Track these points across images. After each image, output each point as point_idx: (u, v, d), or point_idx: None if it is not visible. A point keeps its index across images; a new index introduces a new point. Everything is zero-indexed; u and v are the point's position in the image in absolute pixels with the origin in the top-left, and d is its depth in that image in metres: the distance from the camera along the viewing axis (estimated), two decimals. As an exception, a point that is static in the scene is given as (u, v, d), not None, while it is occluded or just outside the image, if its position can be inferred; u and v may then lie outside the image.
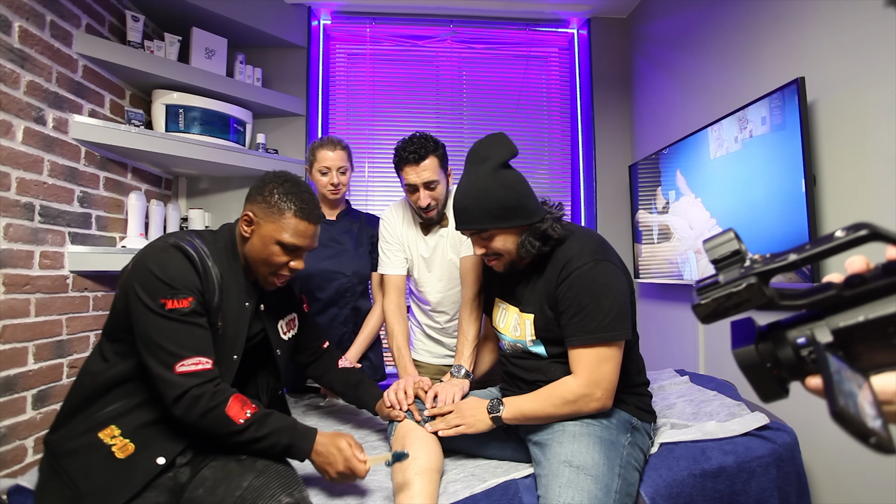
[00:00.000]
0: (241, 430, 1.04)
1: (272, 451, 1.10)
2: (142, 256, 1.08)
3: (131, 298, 1.04)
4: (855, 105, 1.36)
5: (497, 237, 1.21)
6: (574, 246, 1.19)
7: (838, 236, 0.45)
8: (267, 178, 1.20)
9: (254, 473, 1.05)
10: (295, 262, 1.18)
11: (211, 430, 1.04)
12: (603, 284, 1.14)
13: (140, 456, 1.04)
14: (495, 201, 1.18)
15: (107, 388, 1.07)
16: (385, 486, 1.22)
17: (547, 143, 2.82)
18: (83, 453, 1.03)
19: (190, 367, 1.02)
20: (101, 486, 1.00)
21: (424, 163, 1.52)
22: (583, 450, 1.09)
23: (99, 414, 1.05)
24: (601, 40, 2.75)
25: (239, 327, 1.17)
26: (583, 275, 1.14)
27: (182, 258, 1.08)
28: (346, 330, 1.85)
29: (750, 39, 1.77)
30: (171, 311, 1.03)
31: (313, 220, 1.18)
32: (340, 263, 1.80)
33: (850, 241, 0.44)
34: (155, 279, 1.03)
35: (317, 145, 1.80)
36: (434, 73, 2.76)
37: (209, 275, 1.11)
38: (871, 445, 0.39)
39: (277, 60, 2.54)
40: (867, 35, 1.31)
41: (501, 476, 1.23)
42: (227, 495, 1.01)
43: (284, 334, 1.32)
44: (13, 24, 1.41)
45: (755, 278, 0.49)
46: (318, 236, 1.23)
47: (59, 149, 1.60)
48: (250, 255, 1.17)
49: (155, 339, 1.02)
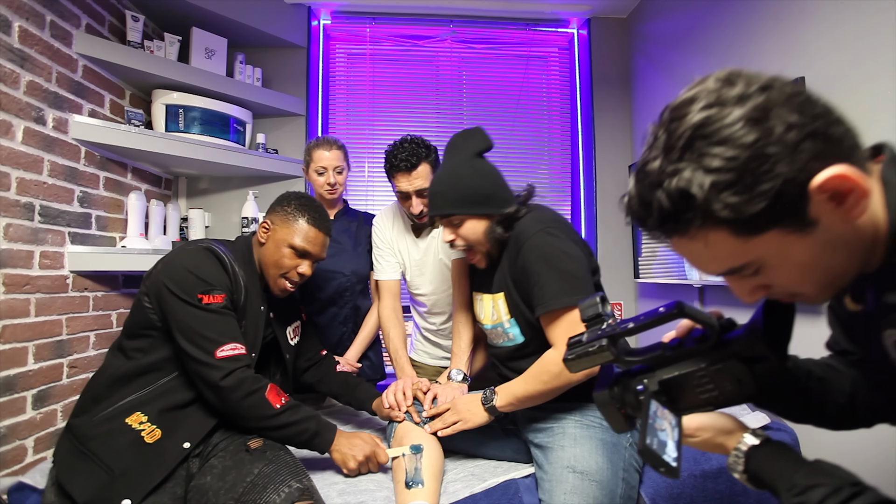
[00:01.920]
0: (277, 414, 1.12)
1: (299, 439, 1.17)
2: (173, 257, 1.18)
3: (165, 296, 1.12)
4: (855, 105, 1.35)
5: (467, 223, 1.23)
6: (527, 220, 1.20)
7: (661, 312, 0.62)
8: (286, 194, 1.35)
9: (264, 462, 1.10)
10: (303, 268, 1.28)
11: (249, 411, 1.11)
12: (556, 248, 1.13)
13: (167, 440, 1.10)
14: (469, 188, 1.21)
15: (129, 379, 1.13)
16: (386, 485, 1.23)
17: (547, 143, 2.82)
18: (112, 437, 1.08)
19: (229, 353, 1.11)
20: (134, 468, 1.05)
21: (416, 170, 1.51)
22: (585, 454, 1.09)
23: (122, 402, 1.11)
24: (601, 40, 2.75)
25: (258, 328, 1.26)
26: (534, 243, 1.14)
27: (214, 260, 1.18)
28: (346, 329, 1.85)
29: (750, 39, 1.77)
30: (208, 304, 1.12)
31: (323, 229, 1.30)
32: (339, 263, 1.81)
33: (668, 315, 0.61)
34: (191, 276, 1.13)
35: (313, 145, 1.80)
36: (434, 73, 2.76)
37: (237, 276, 1.22)
38: (661, 473, 0.60)
39: (277, 60, 2.54)
40: (867, 35, 1.31)
41: (501, 476, 1.23)
42: (238, 481, 1.05)
43: (291, 340, 1.41)
44: (13, 24, 1.41)
45: (606, 340, 0.66)
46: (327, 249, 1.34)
47: (59, 149, 1.60)
48: (263, 258, 1.29)
49: (195, 328, 1.10)
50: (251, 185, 2.40)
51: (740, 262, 0.53)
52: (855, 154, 0.50)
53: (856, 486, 0.54)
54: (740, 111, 0.48)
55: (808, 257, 0.52)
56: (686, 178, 0.49)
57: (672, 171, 0.51)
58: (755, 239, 0.51)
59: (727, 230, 0.50)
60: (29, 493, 1.13)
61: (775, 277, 0.55)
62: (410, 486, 1.12)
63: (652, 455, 0.60)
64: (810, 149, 0.47)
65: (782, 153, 0.47)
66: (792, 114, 0.48)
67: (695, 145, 0.50)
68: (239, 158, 2.18)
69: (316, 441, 1.18)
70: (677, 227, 0.53)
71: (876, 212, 0.53)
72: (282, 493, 1.02)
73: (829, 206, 0.49)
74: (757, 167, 0.47)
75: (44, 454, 1.50)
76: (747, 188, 0.47)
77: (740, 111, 0.48)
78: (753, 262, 0.53)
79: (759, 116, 0.48)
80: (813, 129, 0.48)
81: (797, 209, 0.49)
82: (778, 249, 0.51)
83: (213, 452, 1.16)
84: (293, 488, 1.03)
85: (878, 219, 0.53)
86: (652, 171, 0.53)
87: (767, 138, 0.47)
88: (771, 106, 0.48)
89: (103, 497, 1.02)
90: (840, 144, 0.49)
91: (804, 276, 0.54)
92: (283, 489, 1.02)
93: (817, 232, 0.50)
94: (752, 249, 0.52)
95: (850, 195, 0.48)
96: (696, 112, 0.50)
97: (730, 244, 0.52)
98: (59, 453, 1.10)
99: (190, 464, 1.14)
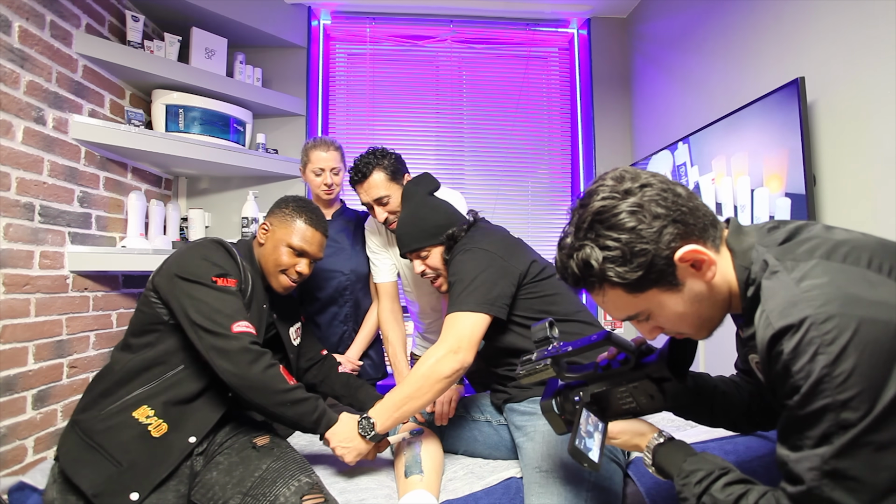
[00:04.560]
0: (291, 389, 1.12)
1: (310, 417, 1.14)
2: (186, 250, 1.21)
3: (178, 283, 1.13)
4: (855, 105, 1.36)
5: (432, 253, 1.36)
6: (460, 242, 1.31)
7: (593, 339, 0.79)
8: (284, 198, 1.40)
9: (271, 458, 1.11)
10: (301, 267, 1.32)
11: (268, 384, 1.10)
12: (465, 264, 1.22)
13: (174, 435, 1.11)
14: (428, 222, 1.36)
15: (136, 373, 1.14)
16: (387, 483, 1.23)
17: (547, 143, 2.82)
18: (119, 431, 1.09)
19: (244, 328, 1.12)
20: (141, 461, 1.06)
21: (369, 180, 1.55)
22: (551, 452, 1.10)
23: (129, 396, 1.12)
24: (601, 40, 2.75)
25: (261, 323, 1.28)
26: (453, 261, 1.28)
27: (225, 252, 1.23)
28: (347, 328, 1.85)
29: (750, 39, 1.77)
30: (224, 286, 1.15)
31: (320, 229, 1.35)
32: (338, 262, 1.81)
33: (598, 343, 0.79)
34: (206, 262, 1.17)
35: (310, 146, 1.80)
36: (434, 73, 2.77)
37: (244, 269, 1.26)
38: (585, 467, 0.78)
39: (277, 60, 2.54)
40: (867, 35, 1.31)
41: (502, 473, 1.23)
42: (247, 476, 1.06)
43: (294, 340, 1.43)
44: (13, 24, 1.41)
45: (550, 360, 0.83)
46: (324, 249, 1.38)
47: (59, 149, 1.60)
48: (263, 258, 1.32)
49: (212, 303, 1.12)
50: (251, 185, 2.40)
51: (633, 311, 0.71)
52: (707, 232, 0.68)
53: (724, 469, 0.71)
54: (624, 204, 0.66)
55: (681, 308, 0.69)
56: (587, 253, 0.67)
57: (579, 247, 0.69)
58: (641, 295, 0.68)
59: (621, 289, 0.68)
60: (29, 492, 1.13)
61: (662, 322, 0.72)
62: (409, 475, 1.13)
63: (578, 453, 0.78)
64: (672, 232, 0.65)
65: (650, 237, 0.65)
66: (659, 207, 0.66)
67: (594, 227, 0.68)
68: (239, 158, 2.18)
69: (324, 420, 1.16)
70: (587, 286, 0.71)
71: (727, 271, 0.70)
72: (291, 486, 1.03)
73: (690, 271, 0.67)
74: (633, 247, 0.65)
75: (44, 454, 1.50)
76: (627, 261, 0.66)
77: (624, 204, 0.66)
78: (644, 311, 0.71)
79: (635, 210, 0.66)
80: (674, 217, 0.66)
81: (667, 274, 0.66)
82: (658, 303, 0.69)
83: (219, 450, 1.16)
84: (302, 482, 1.04)
85: (730, 277, 0.70)
86: (566, 245, 0.71)
87: (640, 225, 0.65)
88: (644, 201, 0.66)
89: (111, 489, 1.02)
90: (695, 226, 0.67)
91: (682, 321, 0.71)
92: (292, 483, 1.03)
93: (685, 290, 0.68)
94: (640, 303, 0.70)
95: (703, 263, 0.66)
96: (597, 202, 0.68)
97: (623, 299, 0.70)
98: (65, 447, 1.10)
99: (194, 462, 1.14)
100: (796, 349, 0.55)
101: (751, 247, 0.69)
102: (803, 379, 0.55)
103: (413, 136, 2.73)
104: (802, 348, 0.55)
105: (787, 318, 0.56)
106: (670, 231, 0.65)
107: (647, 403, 0.83)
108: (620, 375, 0.84)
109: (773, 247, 0.67)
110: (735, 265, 0.70)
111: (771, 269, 0.64)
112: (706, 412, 0.92)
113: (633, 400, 0.84)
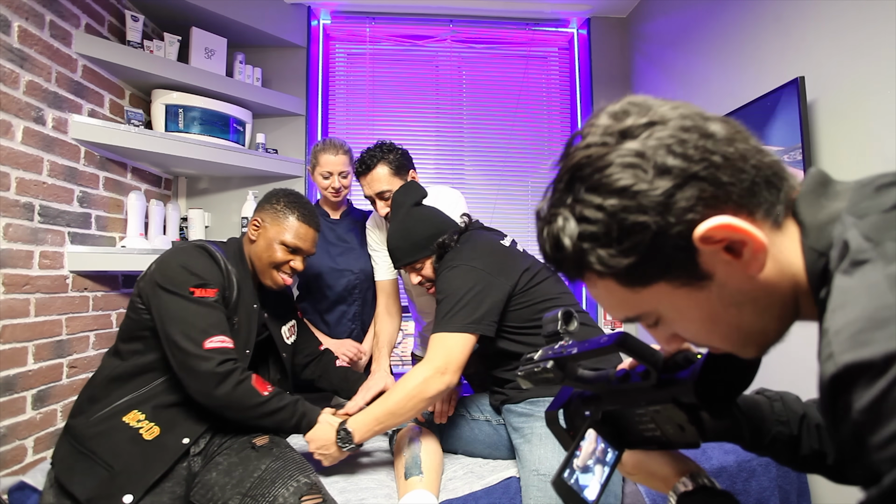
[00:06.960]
0: (266, 401, 1.12)
1: (289, 423, 1.17)
2: (168, 256, 1.19)
3: (157, 292, 1.12)
4: (855, 105, 1.36)
5: (426, 264, 1.35)
6: (448, 255, 1.30)
7: (603, 342, 0.56)
8: (274, 192, 1.36)
9: (271, 458, 1.11)
10: (295, 263, 1.31)
11: (238, 401, 1.10)
12: (451, 283, 1.22)
13: (166, 437, 1.11)
14: (417, 234, 1.34)
15: (125, 379, 1.14)
16: (387, 483, 1.23)
17: (547, 143, 2.82)
18: (110, 436, 1.09)
19: (217, 344, 1.11)
20: (133, 464, 1.06)
21: (372, 173, 1.55)
22: (548, 454, 1.10)
23: (118, 402, 1.12)
24: (601, 40, 2.75)
25: (251, 325, 1.27)
26: (440, 278, 1.27)
27: (207, 257, 1.20)
28: (355, 327, 1.86)
29: (750, 39, 1.77)
30: (200, 298, 1.13)
31: (313, 225, 1.34)
32: (348, 261, 1.82)
33: (608, 348, 0.55)
34: (184, 271, 1.14)
35: (319, 149, 1.80)
36: (434, 73, 2.76)
37: (229, 274, 1.23)
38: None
39: (277, 60, 2.54)
40: (867, 35, 1.31)
41: (501, 473, 1.23)
42: (246, 476, 1.06)
43: (287, 339, 1.42)
44: (12, 23, 1.41)
45: (552, 363, 0.62)
46: (318, 243, 1.37)
47: (58, 149, 1.60)
48: (255, 255, 1.30)
49: (186, 317, 1.10)
50: (251, 185, 2.40)
51: (634, 312, 0.48)
52: (757, 196, 0.42)
53: None
54: (616, 153, 0.42)
55: (705, 312, 0.45)
56: (559, 227, 0.45)
57: (550, 217, 0.47)
58: (644, 290, 0.45)
59: (613, 280, 0.45)
60: (29, 492, 1.13)
61: (679, 329, 0.49)
62: (409, 476, 1.13)
63: (564, 489, 0.56)
64: (691, 195, 0.40)
65: (653, 203, 0.41)
66: (672, 156, 0.41)
67: (572, 188, 0.45)
68: (239, 158, 2.18)
69: (304, 423, 1.18)
70: (566, 272, 0.49)
71: (791, 258, 0.44)
72: (290, 486, 1.03)
73: (723, 258, 0.42)
74: (624, 219, 0.41)
75: (44, 454, 1.50)
76: (614, 240, 0.42)
77: (616, 153, 0.42)
78: (649, 313, 0.48)
79: (633, 162, 0.41)
80: (696, 172, 0.41)
81: (682, 262, 0.42)
82: (670, 302, 0.45)
83: (218, 451, 1.16)
84: (301, 483, 1.04)
85: (796, 266, 0.44)
86: (539, 210, 0.50)
87: (638, 185, 0.41)
88: (649, 148, 0.41)
89: (105, 494, 1.02)
90: (733, 187, 0.41)
91: (711, 332, 0.47)
92: (291, 483, 1.03)
93: (714, 287, 0.43)
94: (644, 301, 0.46)
95: (744, 246, 0.41)
96: (580, 150, 0.45)
97: (620, 293, 0.46)
98: (59, 454, 1.11)
99: (191, 462, 1.14)
100: (877, 408, 0.30)
101: (834, 217, 0.42)
102: (891, 464, 0.29)
103: (413, 136, 2.73)
104: (889, 409, 0.29)
105: (863, 347, 0.31)
106: (688, 194, 0.40)
107: (675, 435, 0.59)
108: (638, 393, 0.60)
109: (873, 214, 0.39)
110: (804, 248, 0.44)
111: (853, 257, 0.37)
112: (775, 448, 0.68)
113: (656, 427, 0.61)
